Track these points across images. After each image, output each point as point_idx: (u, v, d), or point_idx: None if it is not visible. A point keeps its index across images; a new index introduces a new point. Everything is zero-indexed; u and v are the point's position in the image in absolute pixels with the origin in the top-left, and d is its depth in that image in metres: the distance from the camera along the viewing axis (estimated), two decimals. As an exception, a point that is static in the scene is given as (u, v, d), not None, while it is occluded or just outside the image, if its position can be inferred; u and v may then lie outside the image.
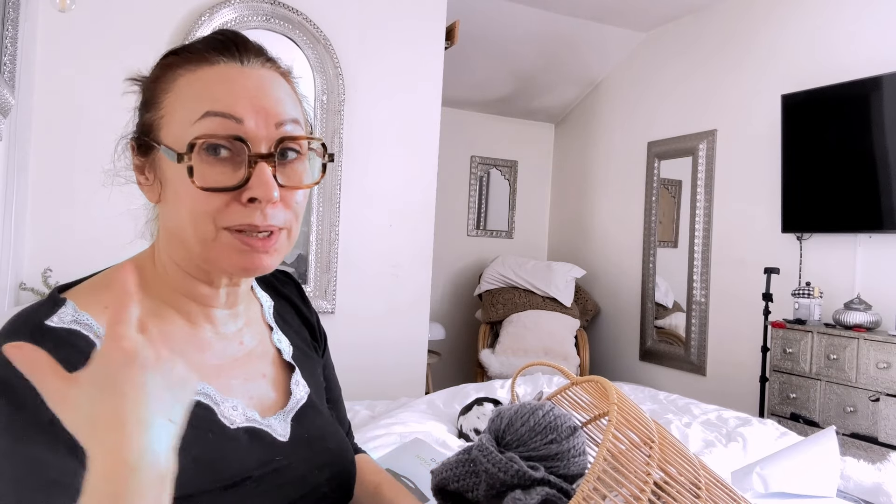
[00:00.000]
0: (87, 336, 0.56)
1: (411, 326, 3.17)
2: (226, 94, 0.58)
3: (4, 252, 2.01)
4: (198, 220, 0.58)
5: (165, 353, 0.44)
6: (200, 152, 0.57)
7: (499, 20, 3.94)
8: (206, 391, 0.61)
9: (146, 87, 0.63)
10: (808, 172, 3.08)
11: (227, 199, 0.57)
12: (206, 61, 0.60)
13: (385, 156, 3.08)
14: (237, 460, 0.59)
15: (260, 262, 0.59)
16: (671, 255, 4.05)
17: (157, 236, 0.66)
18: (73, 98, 2.42)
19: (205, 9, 2.63)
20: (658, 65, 4.19)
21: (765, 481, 1.55)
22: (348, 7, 2.97)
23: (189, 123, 0.58)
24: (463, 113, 4.87)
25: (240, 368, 0.67)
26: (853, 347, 2.66)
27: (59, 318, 0.56)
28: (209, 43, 0.62)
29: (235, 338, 0.68)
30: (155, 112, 0.61)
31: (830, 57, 3.11)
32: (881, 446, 2.50)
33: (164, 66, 0.63)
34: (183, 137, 0.57)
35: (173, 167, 0.59)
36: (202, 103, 0.57)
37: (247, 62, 0.61)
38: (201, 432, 0.58)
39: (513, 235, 5.11)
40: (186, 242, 0.60)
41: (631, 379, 4.15)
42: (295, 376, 0.71)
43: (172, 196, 0.60)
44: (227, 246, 0.58)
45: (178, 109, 0.59)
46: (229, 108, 0.57)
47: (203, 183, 0.57)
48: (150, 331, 0.55)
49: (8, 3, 1.82)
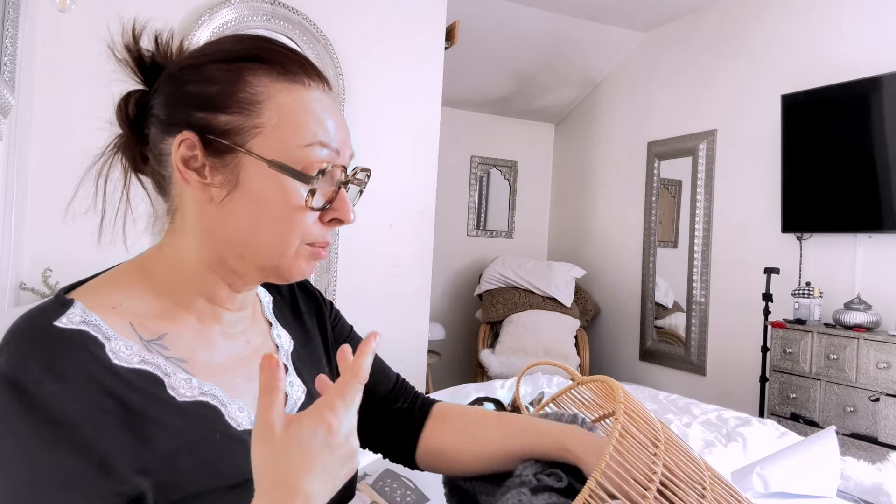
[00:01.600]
0: (96, 337, 0.56)
1: (411, 326, 3.17)
2: (332, 127, 0.63)
3: (4, 252, 2.01)
4: (288, 234, 0.61)
5: (343, 434, 0.50)
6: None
7: (499, 20, 3.94)
8: (214, 392, 0.61)
9: (218, 86, 0.60)
10: (808, 172, 3.08)
11: (314, 217, 0.62)
12: (300, 83, 0.62)
13: (385, 156, 3.08)
14: (243, 462, 0.59)
15: (314, 268, 0.65)
16: (671, 255, 4.05)
17: (179, 234, 0.64)
18: (73, 98, 2.42)
19: (205, 9, 2.63)
20: (658, 65, 4.19)
21: (765, 481, 1.56)
22: (348, 7, 2.97)
23: (297, 146, 0.60)
24: (463, 113, 4.87)
25: (245, 368, 0.67)
26: (853, 347, 2.66)
27: (68, 318, 0.56)
28: (296, 63, 0.63)
29: (242, 337, 0.69)
30: (244, 118, 0.60)
31: (830, 57, 3.11)
32: (881, 446, 2.50)
33: (245, 71, 0.61)
34: (290, 156, 0.60)
35: (267, 179, 0.60)
36: (312, 131, 0.61)
37: (326, 89, 0.65)
38: (209, 433, 0.59)
39: (513, 235, 5.11)
40: (253, 249, 0.61)
41: (631, 379, 4.15)
42: (288, 377, 0.72)
43: (252, 205, 0.60)
44: (303, 258, 0.63)
45: (284, 128, 0.60)
46: (335, 143, 0.62)
47: (314, 204, 0.61)
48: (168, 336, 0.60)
49: (8, 3, 1.82)
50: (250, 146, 0.59)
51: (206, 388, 0.61)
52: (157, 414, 0.56)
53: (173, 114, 0.61)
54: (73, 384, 0.52)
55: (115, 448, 0.52)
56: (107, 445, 0.52)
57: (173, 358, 0.60)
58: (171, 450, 0.56)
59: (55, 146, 2.39)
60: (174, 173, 0.61)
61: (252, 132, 0.60)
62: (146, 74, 0.65)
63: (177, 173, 0.61)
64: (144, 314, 0.61)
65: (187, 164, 0.60)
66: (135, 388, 0.56)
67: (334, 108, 0.65)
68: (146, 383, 0.57)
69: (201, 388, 0.61)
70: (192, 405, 0.59)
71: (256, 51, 0.62)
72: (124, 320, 0.59)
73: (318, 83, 0.64)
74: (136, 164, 0.66)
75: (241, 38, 0.64)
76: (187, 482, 0.56)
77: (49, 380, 0.51)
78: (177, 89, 0.62)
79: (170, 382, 0.59)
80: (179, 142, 0.60)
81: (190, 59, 0.64)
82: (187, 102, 0.61)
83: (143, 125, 0.64)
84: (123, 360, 0.56)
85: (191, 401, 0.59)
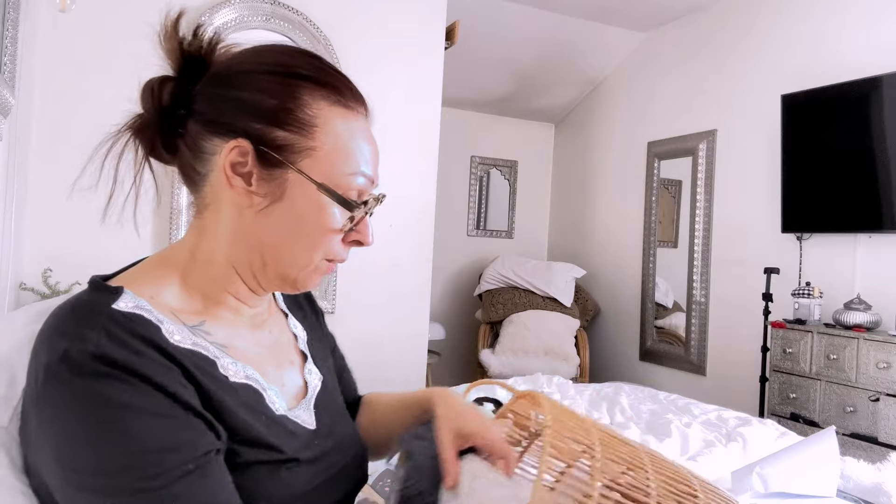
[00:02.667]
0: (150, 320, 0.58)
1: (411, 326, 3.17)
2: (371, 156, 0.66)
3: (4, 252, 2.01)
4: (315, 250, 0.64)
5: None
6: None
7: (499, 20, 3.94)
8: (255, 377, 0.65)
9: (275, 101, 0.62)
10: (808, 172, 3.08)
11: (339, 237, 0.65)
12: (353, 110, 0.65)
13: (385, 156, 3.06)
14: (285, 443, 0.63)
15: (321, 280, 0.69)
16: (671, 255, 4.05)
17: (209, 232, 0.65)
18: (73, 98, 2.42)
19: (205, 9, 2.63)
20: (658, 65, 4.19)
21: (765, 481, 1.55)
22: (348, 7, 2.97)
23: (344, 173, 0.63)
24: (463, 113, 4.87)
25: (272, 357, 0.70)
26: (853, 347, 2.66)
27: (124, 302, 0.58)
28: (347, 88, 0.65)
29: (265, 327, 0.72)
30: (300, 138, 0.62)
31: (830, 57, 3.11)
32: (881, 446, 2.50)
33: (302, 90, 0.62)
34: (335, 181, 0.63)
35: (311, 199, 0.62)
36: (357, 161, 0.65)
37: (367, 115, 0.68)
38: (257, 414, 0.62)
39: (513, 235, 5.11)
40: (279, 260, 0.64)
41: (631, 379, 4.15)
42: (308, 365, 0.75)
43: (291, 220, 0.63)
44: (319, 272, 0.67)
45: (336, 154, 0.63)
46: (374, 173, 0.67)
47: (342, 226, 0.65)
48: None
49: (8, 3, 1.82)
50: (301, 165, 0.62)
51: (249, 373, 0.64)
52: (217, 390, 0.59)
53: (224, 116, 0.62)
54: (150, 357, 0.55)
55: (198, 405, 0.56)
56: (197, 403, 0.56)
57: (216, 343, 0.63)
58: (231, 426, 0.59)
59: (55, 146, 2.39)
60: (216, 174, 0.63)
61: (306, 152, 0.62)
62: (185, 65, 0.65)
63: (221, 175, 0.62)
64: (178, 307, 0.63)
65: (235, 168, 0.62)
66: (194, 365, 0.58)
67: (372, 136, 0.68)
68: (202, 362, 0.60)
69: (245, 372, 0.64)
70: (241, 386, 0.62)
71: (313, 71, 0.64)
72: (165, 309, 0.61)
73: (364, 111, 0.67)
74: (156, 149, 0.66)
75: (295, 53, 0.66)
76: (246, 452, 0.59)
77: (131, 353, 0.54)
78: (227, 92, 0.63)
79: (221, 363, 0.61)
80: (232, 147, 0.61)
81: (241, 63, 0.64)
82: (241, 109, 0.62)
83: (174, 114, 0.64)
84: (178, 341, 0.59)
85: (240, 382, 0.62)
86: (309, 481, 0.64)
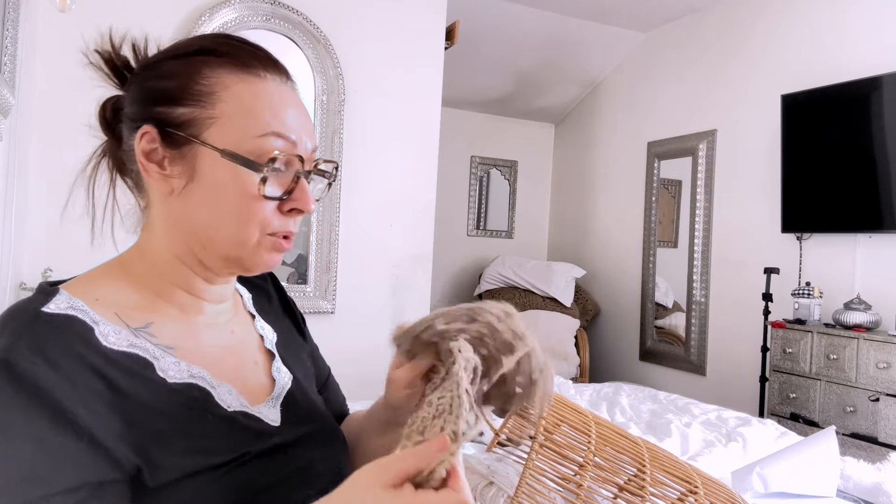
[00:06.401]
0: (84, 321, 0.57)
1: (411, 326, 3.16)
2: (289, 118, 0.63)
3: (4, 252, 2.01)
4: (246, 223, 0.62)
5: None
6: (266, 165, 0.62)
7: (499, 20, 3.94)
8: (203, 375, 0.63)
9: (175, 81, 0.62)
10: (808, 172, 3.08)
11: (272, 207, 0.62)
12: (254, 74, 0.63)
13: (385, 156, 3.08)
14: (233, 440, 0.61)
15: (279, 260, 0.66)
16: (671, 255, 4.05)
17: (150, 229, 0.66)
18: (73, 98, 2.41)
19: (205, 9, 2.63)
20: (658, 65, 4.19)
21: (765, 481, 1.55)
22: (348, 7, 2.97)
23: (251, 136, 0.61)
24: (463, 113, 4.87)
25: (232, 356, 0.69)
26: (853, 347, 2.66)
27: (56, 304, 0.58)
28: (250, 54, 0.64)
29: (226, 327, 0.70)
30: (199, 110, 0.61)
31: (830, 57, 3.11)
32: (881, 446, 2.50)
33: (201, 64, 0.63)
34: (244, 146, 0.61)
35: (221, 169, 0.61)
36: (266, 121, 0.62)
37: (285, 80, 0.66)
38: (200, 414, 0.60)
39: (513, 235, 5.11)
40: (214, 240, 0.63)
41: (631, 379, 4.15)
42: (275, 363, 0.73)
43: (209, 196, 0.62)
44: (265, 248, 0.64)
45: (238, 118, 0.61)
46: (292, 133, 0.63)
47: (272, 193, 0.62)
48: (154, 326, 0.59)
49: (8, 3, 1.82)
50: (205, 137, 0.61)
51: (194, 371, 0.62)
52: (148, 395, 0.57)
53: (137, 110, 0.63)
54: (64, 367, 0.53)
55: (106, 428, 0.53)
56: (98, 425, 0.52)
57: (161, 345, 0.62)
58: (162, 430, 0.56)
59: (55, 146, 2.39)
60: (140, 167, 0.64)
61: (207, 123, 0.61)
62: (122, 79, 0.67)
63: (140, 167, 0.63)
64: (127, 306, 0.62)
65: (149, 157, 0.62)
66: (125, 370, 0.57)
67: (293, 99, 0.66)
68: (136, 366, 0.58)
69: (190, 371, 0.62)
70: (182, 387, 0.60)
71: (211, 44, 0.64)
72: (108, 310, 0.60)
73: (275, 74, 0.65)
74: (121, 166, 0.68)
75: (199, 36, 0.67)
76: (181, 462, 0.56)
77: (40, 362, 0.52)
78: (139, 87, 0.64)
79: (159, 365, 0.60)
80: (141, 135, 0.62)
81: (151, 57, 0.66)
82: (148, 98, 0.63)
83: (117, 127, 0.66)
84: (113, 343, 0.57)
85: (181, 383, 0.60)
86: (264, 474, 0.62)
